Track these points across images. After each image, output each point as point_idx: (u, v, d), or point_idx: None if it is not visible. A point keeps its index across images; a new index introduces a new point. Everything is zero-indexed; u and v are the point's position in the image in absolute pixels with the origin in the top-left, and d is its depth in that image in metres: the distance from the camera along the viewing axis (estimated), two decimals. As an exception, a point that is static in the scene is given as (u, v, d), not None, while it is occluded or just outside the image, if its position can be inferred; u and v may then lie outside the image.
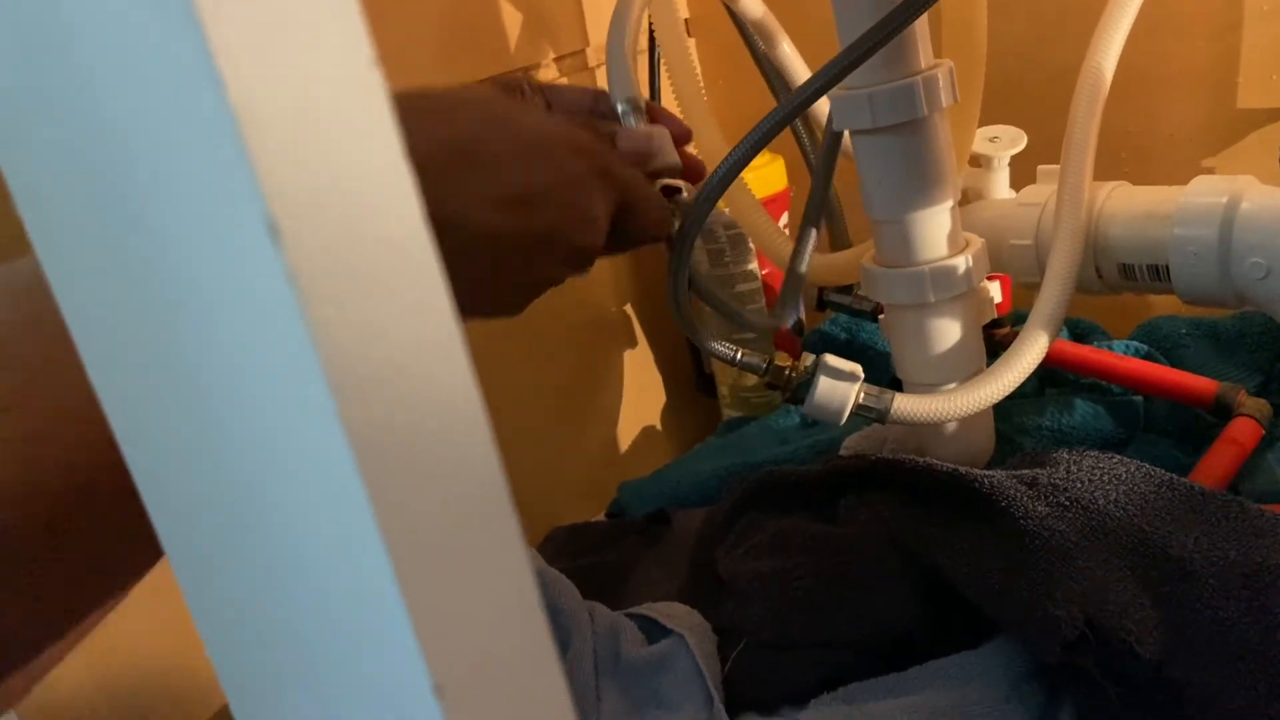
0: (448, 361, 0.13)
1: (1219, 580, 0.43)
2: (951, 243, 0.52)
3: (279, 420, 0.12)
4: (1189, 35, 0.66)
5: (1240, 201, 0.48)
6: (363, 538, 0.12)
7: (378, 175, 0.12)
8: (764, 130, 0.47)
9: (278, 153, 0.11)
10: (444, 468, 0.13)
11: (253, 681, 0.16)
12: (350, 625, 0.13)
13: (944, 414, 0.52)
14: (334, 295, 0.12)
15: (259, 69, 0.11)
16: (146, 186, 0.12)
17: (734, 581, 0.55)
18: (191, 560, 0.15)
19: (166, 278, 0.12)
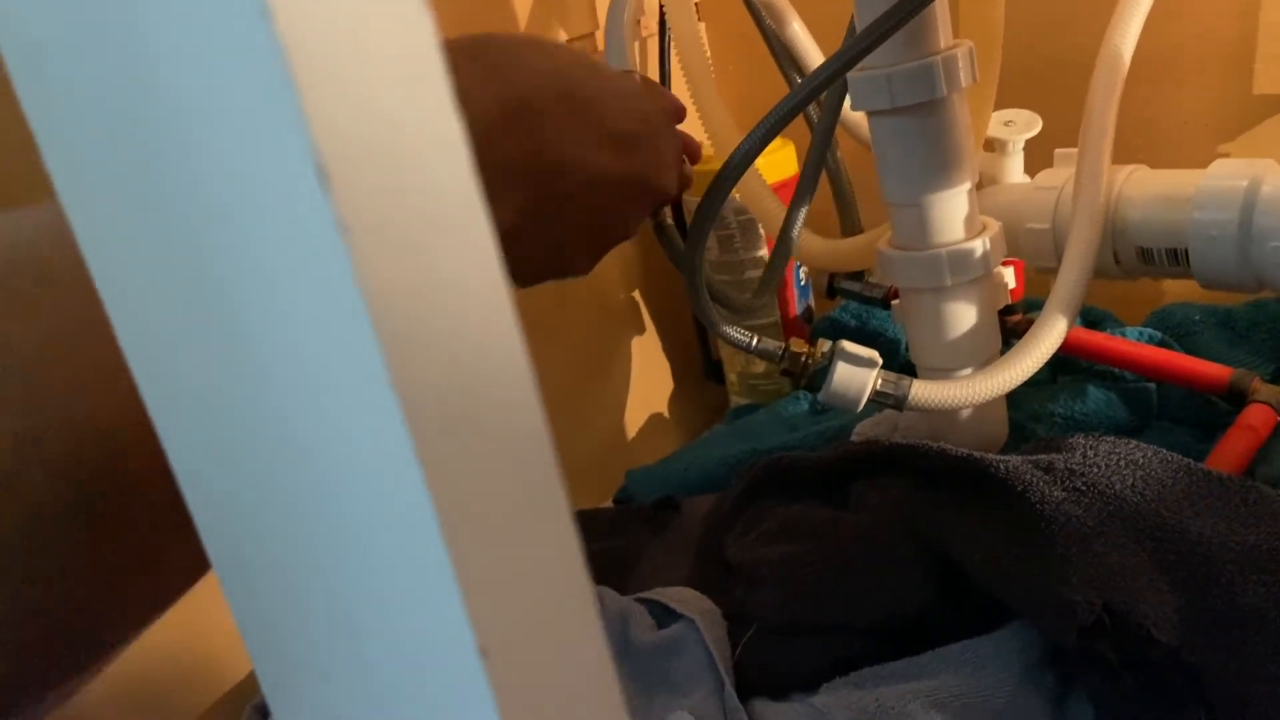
0: (496, 315, 0.13)
1: (1237, 565, 0.43)
2: (969, 226, 0.51)
3: (326, 374, 0.12)
4: (1206, 19, 0.65)
5: (1261, 185, 0.48)
6: (410, 495, 0.12)
7: (429, 122, 0.12)
8: (781, 113, 0.47)
9: (328, 95, 0.11)
10: (492, 425, 0.13)
11: (289, 647, 0.15)
12: (395, 585, 0.13)
13: (962, 400, 0.51)
14: (384, 244, 0.11)
15: (309, 9, 0.11)
16: (189, 128, 0.11)
17: (743, 567, 0.55)
18: (222, 519, 0.15)
19: (209, 226, 0.12)
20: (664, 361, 0.88)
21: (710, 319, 0.55)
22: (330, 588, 0.14)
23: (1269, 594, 0.41)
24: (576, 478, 0.79)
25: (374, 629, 0.14)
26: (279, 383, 0.12)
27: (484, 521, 0.13)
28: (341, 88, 0.11)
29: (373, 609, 0.14)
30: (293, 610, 0.15)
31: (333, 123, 0.11)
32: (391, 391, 0.12)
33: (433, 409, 0.12)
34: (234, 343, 0.13)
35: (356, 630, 0.14)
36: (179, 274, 0.13)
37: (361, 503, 0.12)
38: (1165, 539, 0.44)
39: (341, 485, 0.12)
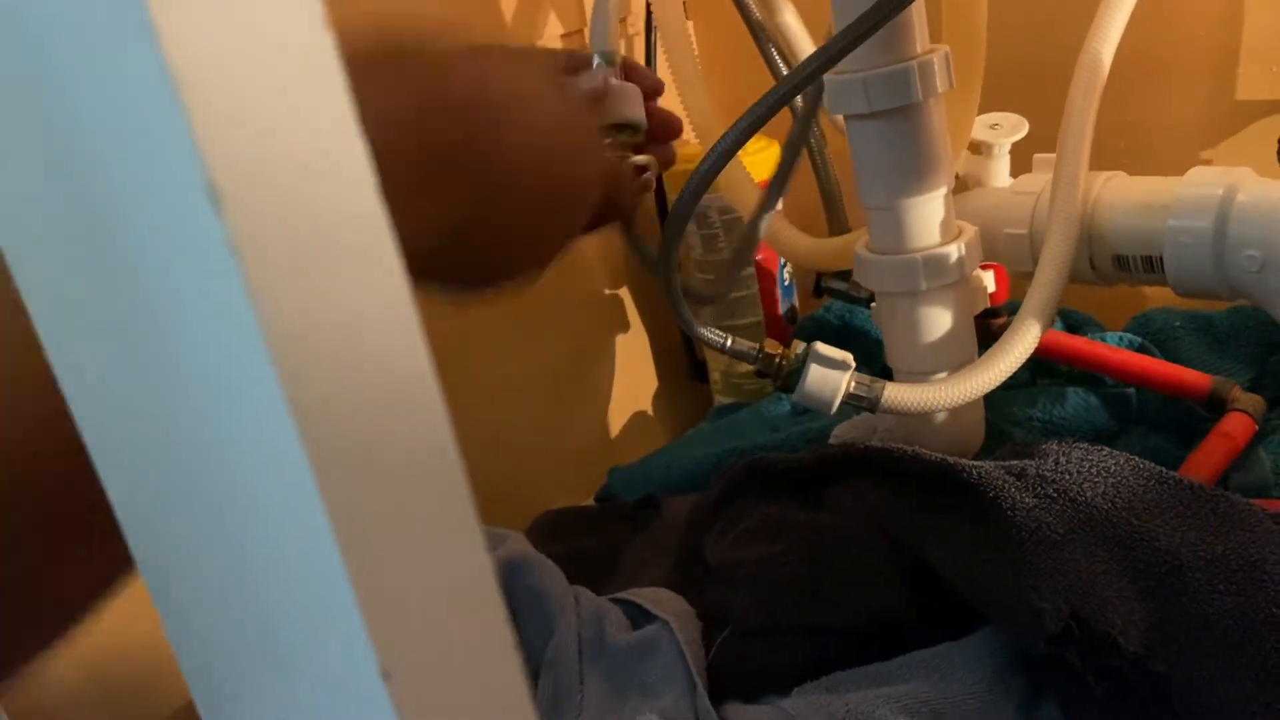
0: (401, 335, 0.13)
1: (1205, 575, 0.43)
2: (945, 230, 0.51)
3: (225, 396, 0.12)
4: (1189, 24, 0.65)
5: (1236, 194, 0.48)
6: (309, 519, 0.12)
7: (328, 143, 0.12)
8: (758, 113, 0.47)
9: (219, 115, 0.11)
10: (395, 446, 0.13)
11: (211, 665, 0.15)
12: (301, 608, 0.13)
13: (935, 403, 0.51)
14: (280, 265, 0.11)
15: (199, 27, 0.11)
16: (81, 148, 0.11)
17: (720, 568, 0.55)
18: (146, 537, 0.15)
19: (106, 245, 0.12)
20: (648, 360, 0.88)
21: (686, 319, 0.55)
22: (247, 609, 0.14)
23: (1236, 603, 0.41)
24: (559, 475, 0.78)
25: (287, 652, 0.14)
26: (184, 403, 0.12)
27: (386, 544, 0.13)
28: (235, 107, 0.11)
29: (284, 632, 0.14)
30: (213, 631, 0.15)
31: (225, 144, 0.11)
32: (287, 413, 0.12)
33: (331, 430, 0.12)
34: (141, 361, 0.13)
35: (274, 652, 0.14)
36: (91, 288, 0.13)
37: (261, 522, 0.12)
38: (1135, 547, 0.44)
39: (240, 505, 0.12)
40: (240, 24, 0.11)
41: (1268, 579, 0.42)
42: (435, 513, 0.13)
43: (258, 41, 0.11)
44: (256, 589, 0.14)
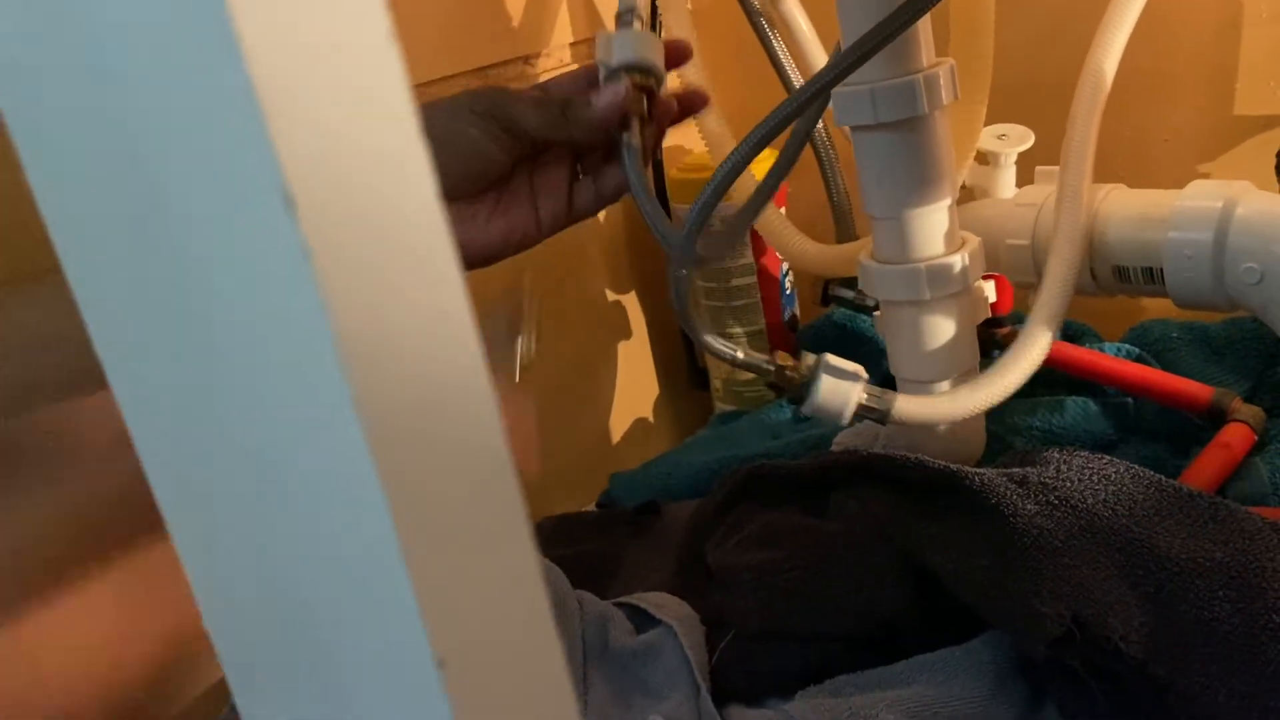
0: (457, 332, 0.13)
1: (1204, 581, 0.43)
2: (948, 241, 0.52)
3: (291, 389, 0.12)
4: (1188, 41, 0.66)
5: (1236, 207, 0.49)
6: (371, 510, 0.12)
7: (393, 149, 0.12)
8: (769, 127, 0.47)
9: (296, 122, 0.11)
10: (451, 441, 0.13)
11: (257, 654, 0.16)
12: (358, 599, 0.13)
13: (947, 415, 0.52)
14: (347, 264, 0.12)
15: (277, 39, 0.11)
16: (164, 157, 0.12)
17: (723, 573, 0.55)
18: (197, 532, 0.15)
19: (183, 249, 0.12)
20: (650, 367, 0.88)
21: (697, 333, 0.56)
22: (298, 599, 0.15)
23: (1234, 609, 0.42)
24: (561, 480, 0.79)
25: (340, 639, 0.14)
26: (249, 399, 0.13)
27: (443, 538, 0.13)
28: (308, 118, 0.11)
29: (339, 621, 0.14)
30: (261, 618, 0.15)
31: (299, 152, 0.11)
32: (353, 409, 0.12)
33: (394, 425, 0.12)
34: (208, 358, 0.13)
35: (323, 640, 0.15)
36: (156, 291, 0.13)
37: (324, 514, 0.13)
38: (1135, 553, 0.45)
39: (304, 497, 0.13)
40: (314, 39, 0.11)
41: (1267, 586, 0.43)
42: (489, 508, 0.13)
43: (329, 54, 0.12)
44: (308, 578, 0.14)
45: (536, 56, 0.76)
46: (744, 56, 0.72)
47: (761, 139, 0.47)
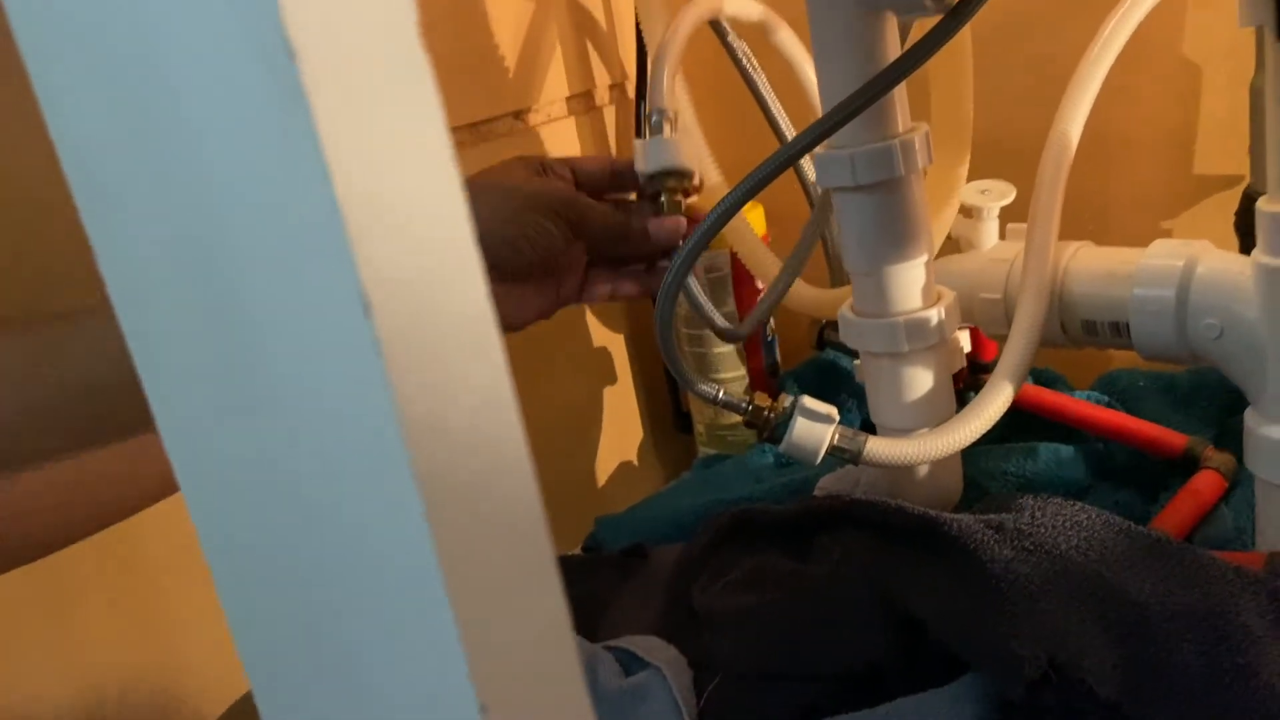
0: (505, 415, 0.15)
1: (1173, 625, 0.45)
2: (925, 295, 0.54)
3: (358, 463, 0.14)
4: (1151, 104, 0.69)
5: (1196, 265, 0.51)
6: (426, 573, 0.14)
7: (453, 256, 0.14)
8: (749, 186, 0.50)
9: (373, 238, 0.13)
10: (498, 512, 0.15)
11: (300, 700, 0.17)
12: (406, 645, 0.15)
13: (914, 457, 0.54)
14: (414, 363, 0.13)
15: (360, 166, 0.13)
16: (252, 268, 0.13)
17: (710, 616, 0.56)
18: (250, 593, 0.17)
19: (266, 351, 0.14)
20: (635, 411, 0.90)
21: (682, 373, 0.58)
22: (345, 645, 0.16)
23: (1201, 652, 0.44)
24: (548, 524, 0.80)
25: (385, 685, 0.16)
26: (320, 473, 0.15)
27: (487, 595, 0.15)
28: (384, 235, 0.13)
29: (384, 666, 0.16)
30: (305, 664, 0.17)
31: (375, 263, 0.13)
32: (414, 481, 0.14)
33: (448, 497, 0.14)
34: (281, 448, 0.15)
35: (368, 685, 0.16)
36: (234, 385, 0.15)
37: (384, 579, 0.14)
38: (1107, 598, 0.47)
39: (367, 560, 0.14)
40: (390, 161, 0.13)
41: (1231, 630, 0.44)
42: (526, 568, 0.15)
43: (403, 175, 0.13)
44: (363, 631, 0.16)
45: (528, 111, 0.78)
46: (726, 106, 0.75)
47: (742, 196, 0.50)
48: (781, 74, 0.69)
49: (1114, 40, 0.57)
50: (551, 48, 0.80)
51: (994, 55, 0.69)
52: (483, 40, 0.75)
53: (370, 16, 0.13)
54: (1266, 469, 0.50)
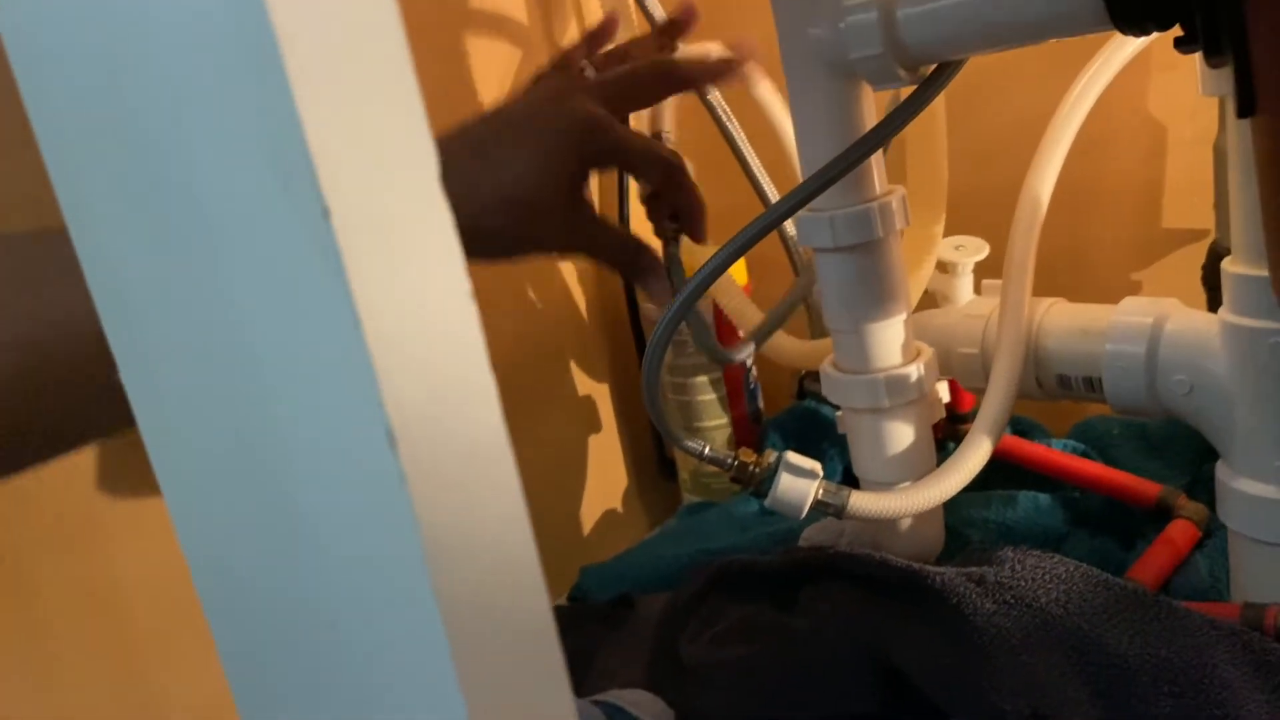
0: (515, 531, 0.16)
1: (1151, 677, 0.46)
2: (905, 352, 0.56)
3: (382, 581, 0.15)
4: (1119, 161, 0.72)
5: (1165, 323, 0.53)
6: (444, 686, 0.15)
7: (470, 390, 0.15)
8: (734, 248, 0.51)
9: (398, 375, 0.14)
10: (510, 618, 0.16)
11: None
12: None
13: (895, 511, 0.55)
14: (436, 489, 0.14)
15: (387, 306, 0.14)
16: (285, 407, 0.14)
17: (698, 669, 0.57)
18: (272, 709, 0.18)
19: (295, 482, 0.15)
20: (620, 459, 0.91)
21: (669, 430, 0.59)
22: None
23: (1177, 704, 0.45)
24: (532, 573, 0.80)
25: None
26: (346, 589, 0.15)
27: (499, 689, 0.16)
28: (408, 372, 0.14)
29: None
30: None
31: (400, 399, 0.14)
32: (433, 596, 0.15)
33: (464, 610, 0.15)
34: (301, 560, 0.16)
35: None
36: (265, 513, 0.16)
37: (403, 694, 0.15)
38: (1086, 650, 0.48)
39: (388, 681, 0.15)
40: (414, 306, 0.14)
41: (1208, 681, 0.46)
42: (538, 677, 0.16)
43: (425, 316, 0.14)
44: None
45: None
46: (710, 164, 0.77)
47: (727, 259, 0.51)
48: (759, 124, 0.71)
49: (1083, 100, 0.59)
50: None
51: (967, 114, 0.71)
52: (469, 93, 0.76)
53: (397, 179, 0.14)
54: (1238, 522, 0.51)
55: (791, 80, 0.52)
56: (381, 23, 0.14)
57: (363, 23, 0.14)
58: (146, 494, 0.57)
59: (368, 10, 0.14)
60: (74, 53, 0.15)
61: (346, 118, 0.13)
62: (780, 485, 0.56)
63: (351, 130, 0.13)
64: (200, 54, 0.13)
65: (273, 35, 0.13)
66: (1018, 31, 0.45)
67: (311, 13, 0.13)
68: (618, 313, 0.89)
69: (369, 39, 0.14)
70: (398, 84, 0.14)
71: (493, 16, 0.78)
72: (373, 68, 0.14)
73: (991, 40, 0.46)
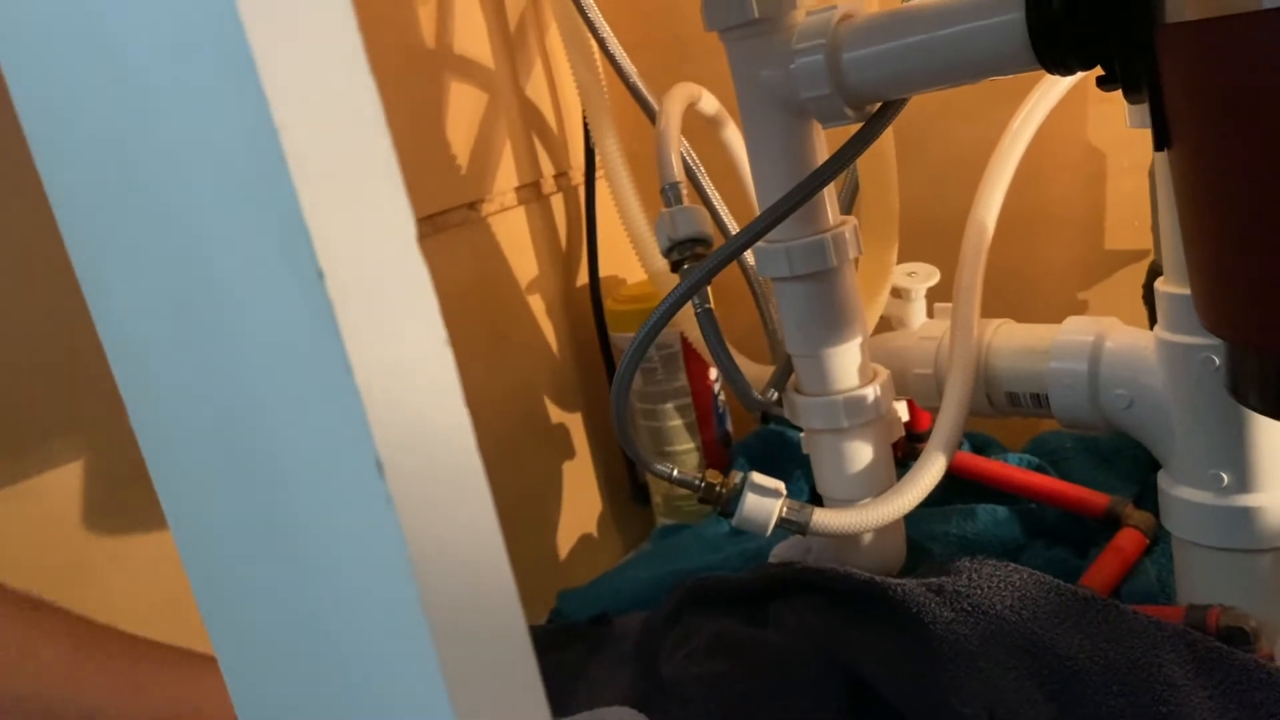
0: (489, 542, 0.18)
1: (1101, 677, 0.49)
2: (862, 374, 0.58)
3: (373, 598, 0.17)
4: (1061, 187, 0.75)
5: (1105, 340, 0.56)
6: (430, 686, 0.17)
7: (447, 424, 0.17)
8: (695, 279, 0.54)
9: (384, 412, 0.16)
10: (488, 625, 0.18)
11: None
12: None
13: (856, 525, 0.57)
14: (419, 510, 0.17)
15: (374, 354, 0.16)
16: (284, 443, 0.16)
17: (675, 686, 0.59)
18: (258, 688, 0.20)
19: (293, 509, 0.17)
20: (594, 484, 0.93)
21: (638, 455, 0.61)
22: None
23: (1127, 703, 0.47)
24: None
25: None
26: (337, 603, 0.17)
27: (478, 683, 0.18)
28: (393, 409, 0.16)
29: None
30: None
31: (387, 431, 0.16)
32: (420, 607, 0.17)
33: (448, 619, 0.17)
34: (299, 577, 0.18)
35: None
36: (259, 530, 0.18)
37: (393, 696, 0.17)
38: (1039, 654, 0.50)
39: (380, 686, 0.17)
40: (396, 350, 0.17)
41: (1154, 680, 0.48)
42: (513, 669, 0.18)
43: (406, 359, 0.17)
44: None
45: (481, 202, 0.82)
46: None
47: (689, 289, 0.54)
48: (724, 166, 0.74)
49: (1024, 131, 0.63)
50: (502, 141, 0.84)
51: (917, 148, 0.75)
52: (440, 137, 0.78)
53: (381, 243, 0.16)
54: (1179, 527, 0.54)
55: (746, 120, 0.55)
56: (366, 107, 0.17)
57: (350, 110, 0.16)
58: (133, 531, 0.58)
59: (354, 99, 0.16)
60: (92, 141, 0.17)
61: (337, 191, 0.16)
62: (746, 504, 0.59)
63: (341, 202, 0.16)
64: (209, 144, 0.16)
65: (273, 126, 0.15)
66: (955, 72, 0.48)
67: (308, 105, 0.15)
68: (589, 343, 0.91)
69: (356, 124, 0.16)
70: (380, 161, 0.16)
71: (460, 60, 0.80)
72: (359, 147, 0.16)
73: (931, 80, 0.49)
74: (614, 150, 0.68)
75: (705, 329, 0.57)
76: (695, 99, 0.68)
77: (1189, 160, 0.39)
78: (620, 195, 0.68)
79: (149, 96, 0.16)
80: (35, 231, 0.53)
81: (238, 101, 0.15)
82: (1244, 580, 0.52)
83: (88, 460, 0.57)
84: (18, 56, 0.17)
